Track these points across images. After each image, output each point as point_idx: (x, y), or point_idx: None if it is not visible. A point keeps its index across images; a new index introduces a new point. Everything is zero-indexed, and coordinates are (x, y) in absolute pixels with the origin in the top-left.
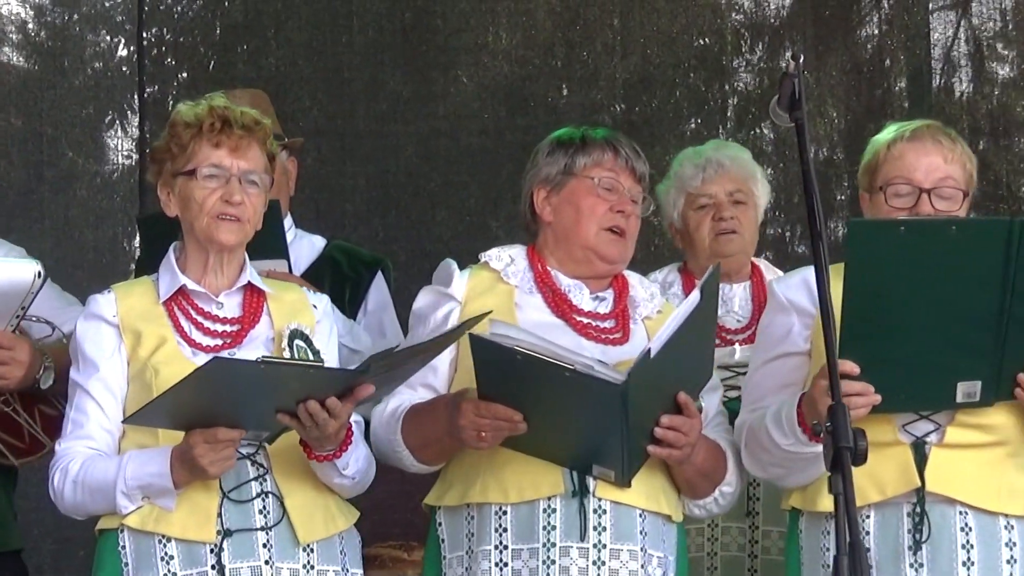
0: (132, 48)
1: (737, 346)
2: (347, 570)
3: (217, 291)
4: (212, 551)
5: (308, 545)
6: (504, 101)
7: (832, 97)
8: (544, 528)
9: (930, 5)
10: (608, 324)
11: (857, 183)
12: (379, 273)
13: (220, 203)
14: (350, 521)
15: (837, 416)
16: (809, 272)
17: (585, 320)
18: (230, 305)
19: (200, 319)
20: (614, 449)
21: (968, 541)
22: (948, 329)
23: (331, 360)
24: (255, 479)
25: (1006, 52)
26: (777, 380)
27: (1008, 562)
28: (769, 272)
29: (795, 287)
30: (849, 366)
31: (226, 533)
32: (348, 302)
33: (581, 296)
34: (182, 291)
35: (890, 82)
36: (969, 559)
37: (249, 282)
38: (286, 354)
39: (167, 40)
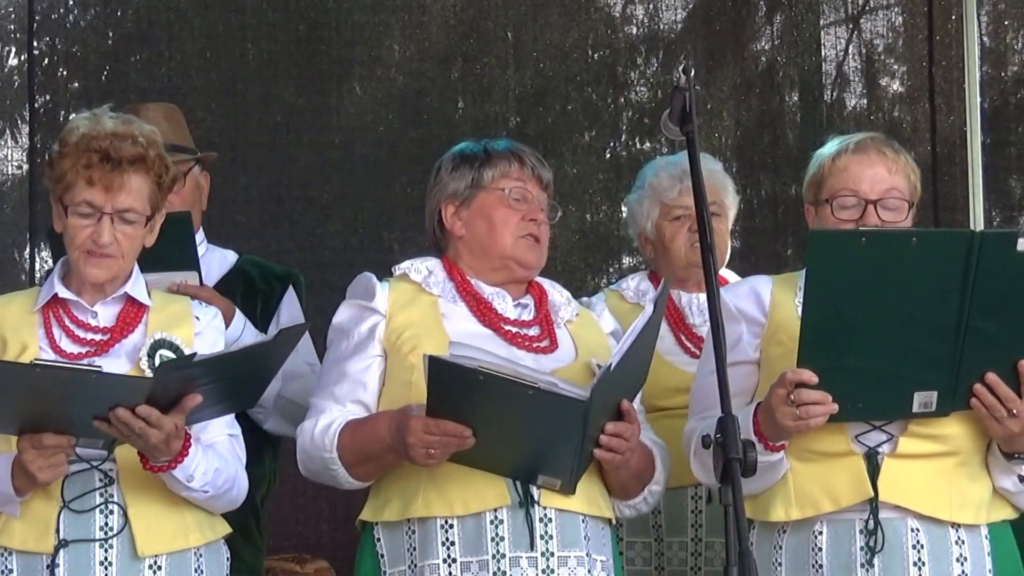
0: (23, 57)
1: None
2: None
3: (93, 301)
4: (48, 566)
5: (155, 561)
6: (398, 113)
7: (725, 110)
8: (492, 539)
9: (821, 21)
10: (534, 331)
11: (803, 197)
12: (291, 287)
13: (89, 241)
14: (209, 536)
15: (727, 427)
16: (758, 281)
17: (513, 329)
18: (105, 315)
19: (72, 327)
20: (565, 459)
21: (920, 559)
22: (906, 339)
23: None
24: (99, 488)
25: (897, 67)
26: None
27: None
28: (731, 279)
29: (744, 296)
30: (807, 375)
31: (62, 544)
32: (260, 315)
33: (504, 304)
34: (57, 300)
35: (782, 96)
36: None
37: (127, 293)
38: (143, 364)
39: (59, 50)
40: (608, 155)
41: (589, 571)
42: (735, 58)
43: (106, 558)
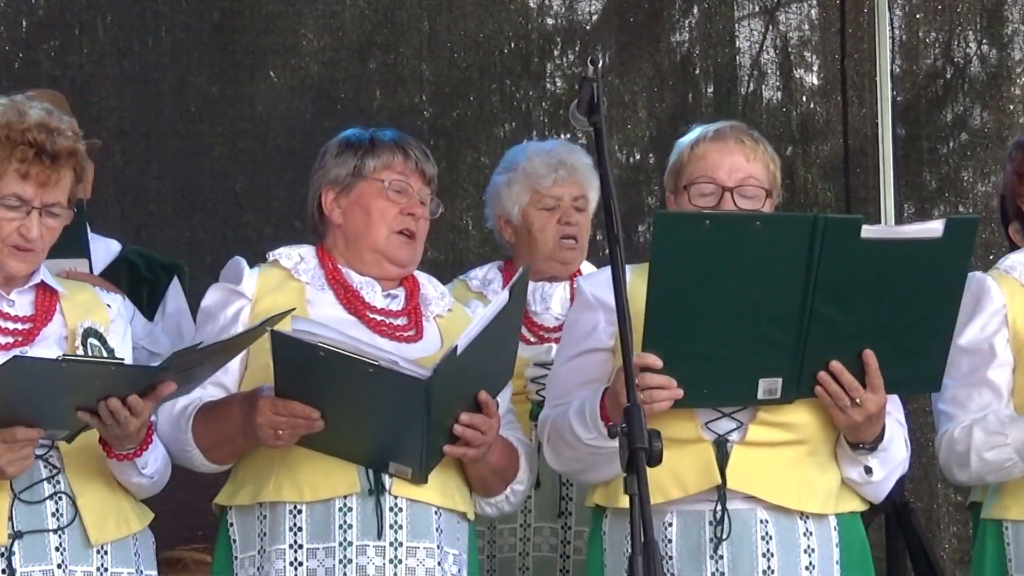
0: None
1: (553, 344)
2: (141, 572)
3: (8, 289)
4: (2, 555)
5: (102, 547)
6: (313, 103)
7: (641, 102)
8: (340, 527)
9: (736, 13)
10: (401, 321)
11: (664, 184)
12: (176, 278)
13: (16, 235)
14: (144, 522)
15: (633, 417)
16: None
17: (378, 317)
18: (21, 303)
19: None
20: (413, 446)
21: (769, 549)
22: (751, 325)
23: (126, 360)
24: (47, 479)
25: (812, 60)
26: (582, 376)
27: (807, 568)
28: (588, 271)
29: (602, 285)
30: (652, 359)
31: (16, 535)
32: (146, 305)
33: (373, 294)
34: None
35: (698, 88)
36: (770, 567)
37: (42, 280)
38: (80, 352)
39: None
40: None
41: (439, 563)
42: (651, 50)
43: (60, 544)
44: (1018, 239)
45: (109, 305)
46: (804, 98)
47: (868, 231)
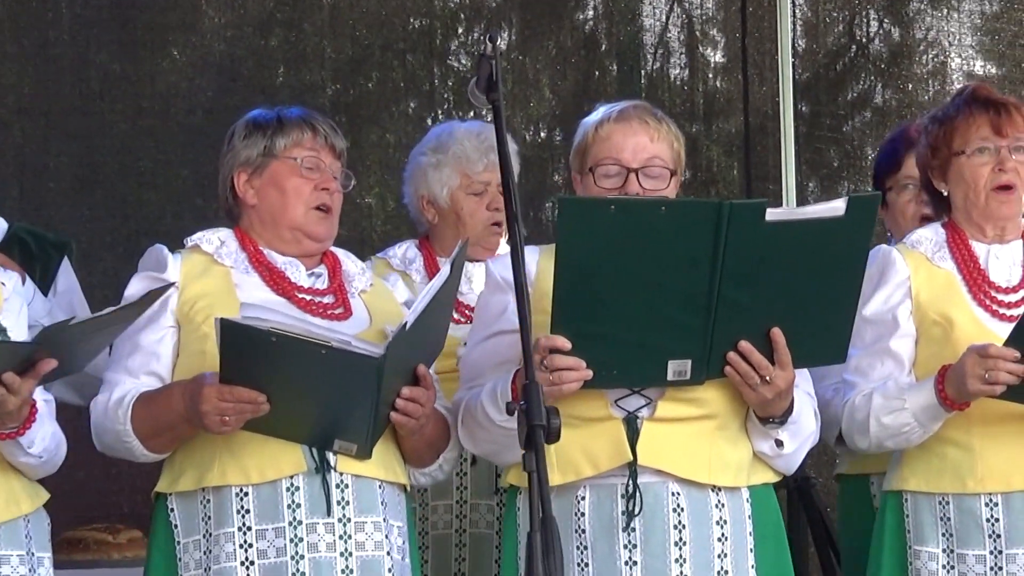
0: None
1: None
2: (32, 554)
3: None
4: None
5: None
6: (215, 80)
7: (546, 80)
8: (289, 506)
9: None
10: (328, 300)
11: (570, 164)
12: (65, 255)
13: None
14: (36, 503)
15: (531, 395)
16: (526, 251)
17: (307, 297)
18: None
19: None
20: (360, 422)
21: (680, 521)
22: (659, 308)
23: (20, 338)
24: None
25: (718, 37)
26: (494, 358)
27: (720, 539)
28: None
29: (510, 266)
30: (560, 341)
31: None
32: (38, 282)
33: (298, 273)
34: None
35: (604, 65)
36: (681, 539)
37: None
38: None
39: None
40: (429, 124)
41: (386, 536)
42: (555, 28)
43: None
44: (927, 212)
45: (3, 283)
46: (710, 75)
47: (772, 214)
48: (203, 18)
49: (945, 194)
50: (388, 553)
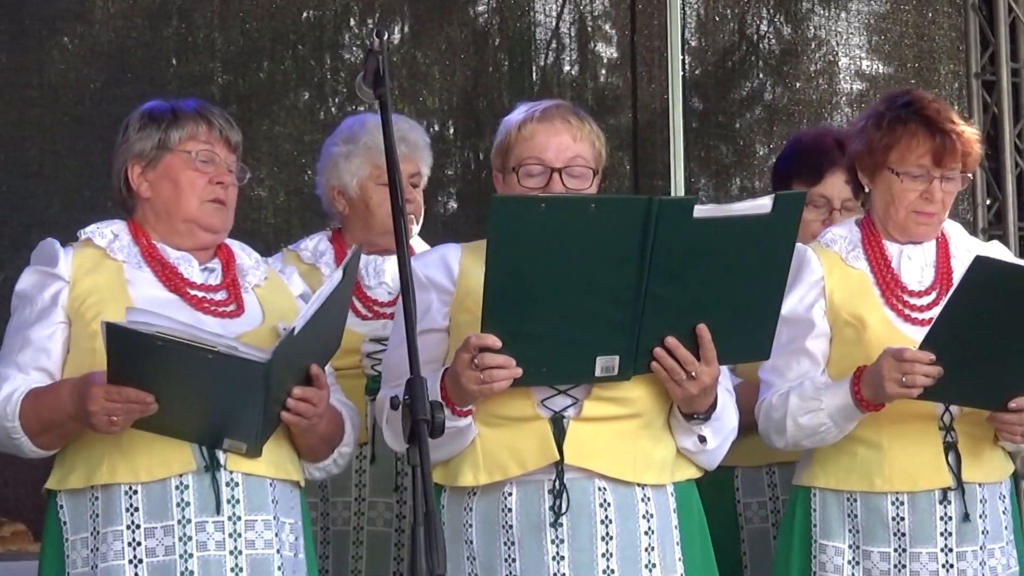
0: None
1: (388, 320)
2: None
3: None
4: None
5: None
6: (104, 70)
7: (439, 74)
8: (178, 505)
9: None
10: (220, 296)
11: (491, 163)
12: None
13: None
14: None
15: (415, 389)
16: (447, 249)
17: (199, 294)
18: None
19: None
20: (249, 423)
21: (607, 516)
22: (588, 305)
23: None
24: None
25: (611, 33)
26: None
27: (646, 533)
28: (420, 248)
29: (433, 264)
30: (491, 339)
31: None
32: None
33: (191, 269)
34: None
35: (497, 60)
36: (608, 533)
37: None
38: None
39: None
40: (322, 116)
41: (277, 534)
42: (447, 22)
43: None
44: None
45: None
46: (602, 71)
47: (700, 211)
48: (93, 7)
49: (867, 191)
50: (279, 551)
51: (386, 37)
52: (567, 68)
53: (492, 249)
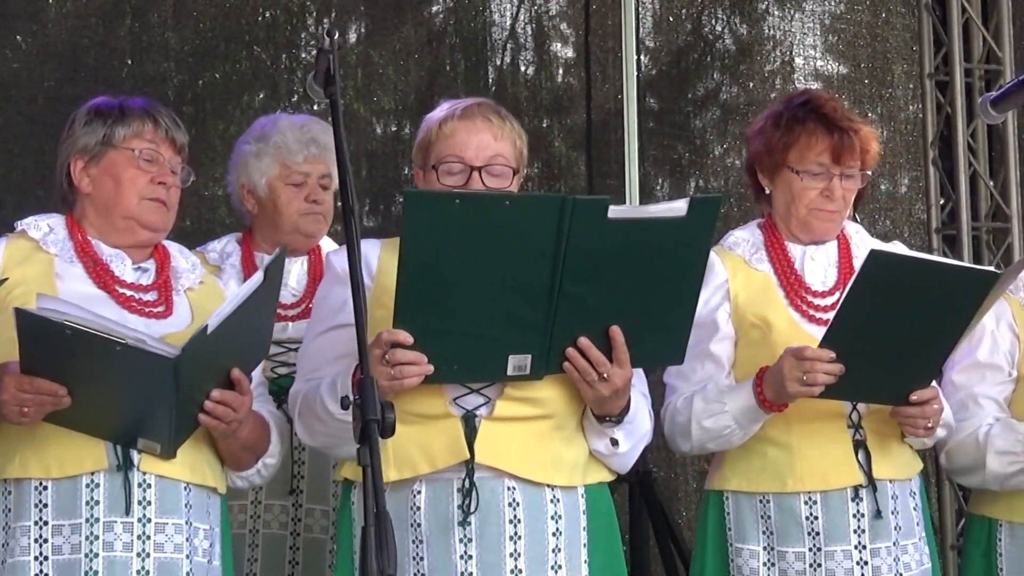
0: None
1: (290, 323)
2: None
3: None
4: None
5: None
6: (57, 70)
7: (395, 73)
8: (87, 503)
9: None
10: (150, 296)
11: (413, 160)
12: None
13: None
14: None
15: (365, 389)
16: (366, 245)
17: (128, 292)
18: None
19: None
20: (162, 422)
21: (516, 516)
22: (501, 303)
23: None
24: None
25: (567, 32)
26: (333, 351)
27: (554, 534)
28: (329, 247)
29: None
30: (402, 335)
31: None
32: None
33: (123, 267)
34: None
35: (453, 59)
36: (516, 533)
37: None
38: None
39: None
40: None
41: (188, 539)
42: (403, 21)
43: None
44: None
45: None
46: (559, 71)
47: (615, 211)
48: (47, 6)
49: (767, 192)
50: (189, 556)
51: (336, 36)
52: (523, 68)
53: (405, 244)
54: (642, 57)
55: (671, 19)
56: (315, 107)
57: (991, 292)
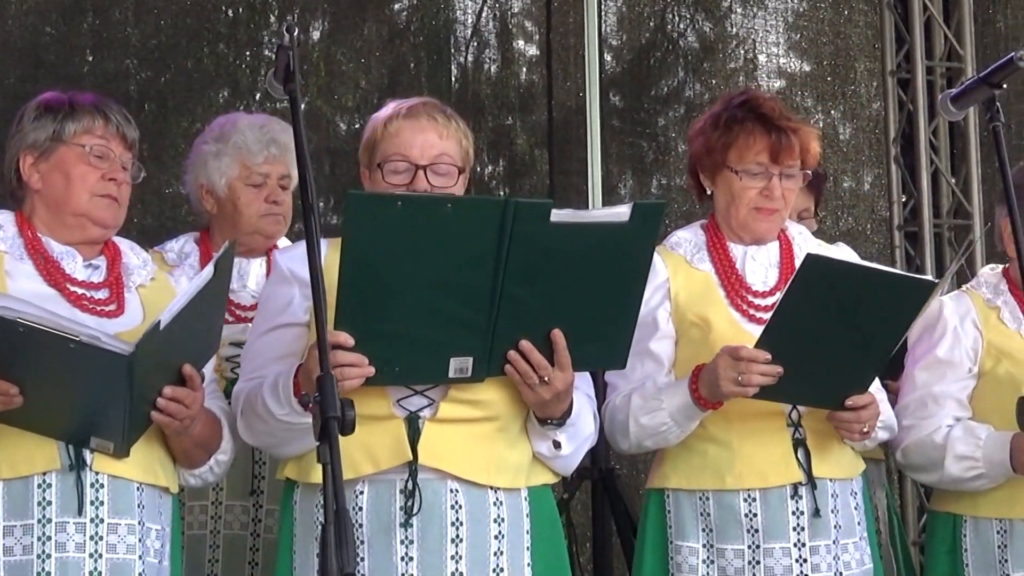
0: None
1: (249, 324)
2: None
3: None
4: None
5: None
6: (18, 66)
7: (359, 70)
8: (39, 504)
9: None
10: (102, 294)
11: (359, 159)
12: None
13: None
14: None
15: (325, 387)
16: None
17: (79, 291)
18: None
19: None
20: (115, 420)
21: (458, 518)
22: (443, 305)
23: None
24: None
25: (532, 29)
26: (276, 350)
27: (496, 537)
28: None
29: (298, 259)
30: (343, 337)
31: None
32: None
33: (74, 264)
34: None
35: (417, 56)
36: (458, 535)
37: None
38: None
39: None
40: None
41: (141, 540)
42: (367, 18)
43: None
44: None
45: None
46: (523, 68)
47: (557, 215)
48: (6, 2)
49: (709, 192)
50: (141, 557)
51: (296, 32)
52: (486, 66)
53: (347, 245)
54: (605, 55)
55: (634, 17)
56: (278, 105)
57: (928, 301)
